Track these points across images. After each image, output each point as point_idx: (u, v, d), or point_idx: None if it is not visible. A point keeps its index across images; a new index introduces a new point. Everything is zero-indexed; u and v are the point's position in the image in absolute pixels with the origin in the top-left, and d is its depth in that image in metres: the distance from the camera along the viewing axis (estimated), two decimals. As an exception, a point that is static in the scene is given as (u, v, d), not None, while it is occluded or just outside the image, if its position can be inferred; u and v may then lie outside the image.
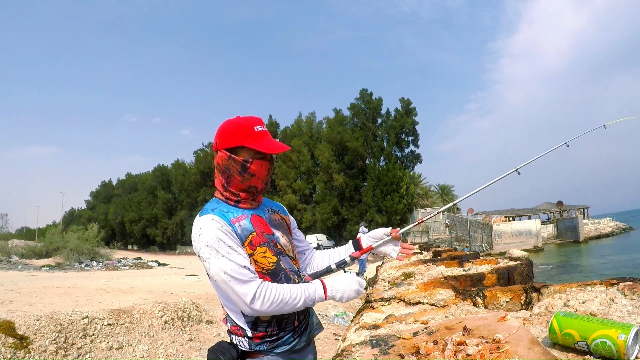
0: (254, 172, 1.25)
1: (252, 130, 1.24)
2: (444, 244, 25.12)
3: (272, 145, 1.25)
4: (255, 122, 1.26)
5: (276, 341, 1.22)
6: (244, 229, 1.23)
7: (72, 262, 18.34)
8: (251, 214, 1.28)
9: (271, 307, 1.15)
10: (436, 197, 46.24)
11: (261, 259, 1.22)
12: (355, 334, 1.62)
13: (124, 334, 4.39)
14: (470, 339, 1.04)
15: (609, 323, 0.95)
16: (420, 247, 8.00)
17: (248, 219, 1.26)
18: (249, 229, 1.24)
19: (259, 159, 1.25)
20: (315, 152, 42.63)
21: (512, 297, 1.81)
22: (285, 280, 1.24)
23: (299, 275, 1.32)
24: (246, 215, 1.26)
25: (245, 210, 1.28)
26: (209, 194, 51.74)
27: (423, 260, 3.95)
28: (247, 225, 1.24)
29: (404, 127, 41.59)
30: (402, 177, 38.72)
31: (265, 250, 1.24)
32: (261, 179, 1.27)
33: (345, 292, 1.21)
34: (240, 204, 1.28)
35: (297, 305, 1.18)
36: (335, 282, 1.23)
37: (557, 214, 38.13)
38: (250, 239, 1.22)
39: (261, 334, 1.21)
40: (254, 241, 1.22)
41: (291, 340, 1.24)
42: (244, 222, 1.24)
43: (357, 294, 1.23)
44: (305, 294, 1.19)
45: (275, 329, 1.22)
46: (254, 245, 1.22)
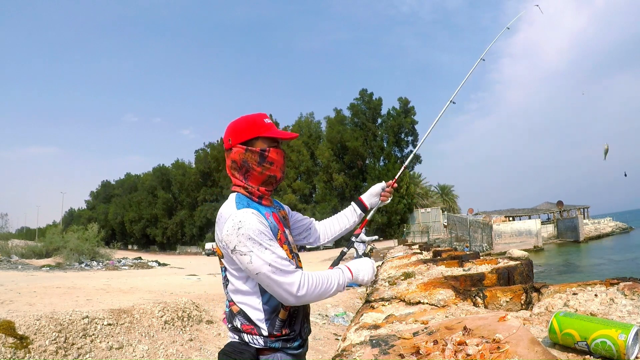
0: (272, 160, 1.27)
1: (263, 122, 1.28)
2: (444, 243, 25.12)
3: (284, 132, 1.30)
4: (264, 116, 1.31)
5: (288, 340, 1.24)
6: (273, 226, 1.25)
7: (72, 262, 18.35)
8: (272, 212, 1.31)
9: (314, 293, 1.18)
10: (436, 197, 46.24)
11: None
12: (355, 333, 1.62)
13: (124, 334, 4.39)
14: (470, 339, 1.04)
15: (609, 323, 0.95)
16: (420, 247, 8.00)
17: (271, 217, 1.28)
18: (276, 227, 1.27)
19: (275, 147, 1.28)
20: (315, 152, 42.66)
21: (512, 297, 1.81)
22: None
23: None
24: (269, 214, 1.29)
25: (267, 208, 1.30)
26: (209, 194, 51.79)
27: (423, 260, 3.95)
28: (274, 223, 1.28)
29: (403, 127, 41.59)
30: (402, 177, 38.73)
31: (287, 249, 1.26)
32: (279, 167, 1.30)
33: (367, 274, 1.31)
34: (263, 200, 1.31)
35: (332, 289, 1.23)
36: (357, 265, 1.32)
37: (557, 214, 38.14)
38: (279, 237, 1.26)
39: (278, 334, 1.22)
40: (281, 238, 1.27)
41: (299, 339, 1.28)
42: (271, 220, 1.27)
43: (374, 274, 1.34)
44: (338, 278, 1.25)
45: (288, 329, 1.24)
46: (281, 242, 1.25)
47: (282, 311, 1.23)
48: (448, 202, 45.75)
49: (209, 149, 52.93)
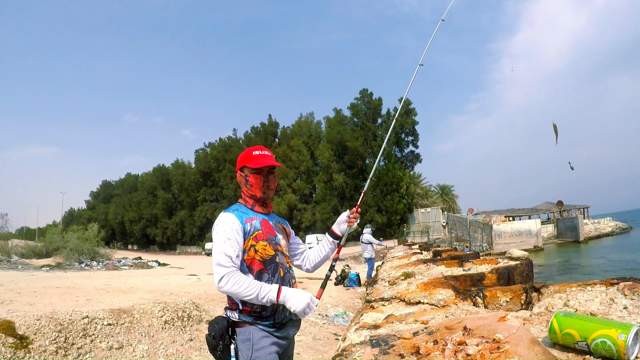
0: (252, 184, 1.70)
1: (251, 154, 1.71)
2: (444, 243, 25.12)
3: (261, 162, 1.67)
4: (256, 149, 1.73)
5: (259, 316, 1.56)
6: (254, 227, 1.64)
7: (72, 262, 18.34)
8: (262, 218, 1.70)
9: (231, 290, 1.49)
10: (436, 197, 46.23)
11: (261, 249, 1.62)
12: (356, 333, 1.62)
13: (124, 333, 4.39)
14: (470, 339, 1.04)
15: (609, 323, 0.95)
16: (420, 247, 8.00)
17: (259, 221, 1.67)
18: (257, 228, 1.65)
19: (254, 173, 1.69)
20: (315, 152, 42.65)
21: (512, 297, 1.81)
22: (274, 270, 1.62)
23: (289, 271, 1.71)
24: (258, 218, 1.68)
25: (258, 214, 1.71)
26: (209, 194, 51.80)
27: (423, 260, 3.95)
28: (257, 225, 1.66)
29: (404, 127, 41.60)
30: (402, 177, 38.71)
31: (265, 244, 1.63)
32: (258, 188, 1.70)
33: (295, 304, 1.49)
34: (255, 208, 1.72)
35: (249, 298, 1.48)
36: (291, 292, 1.52)
37: (557, 214, 38.14)
38: (256, 234, 1.63)
39: (248, 308, 1.56)
40: (258, 236, 1.63)
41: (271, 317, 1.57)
42: (255, 222, 1.66)
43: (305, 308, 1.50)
44: (259, 293, 1.49)
45: (259, 307, 1.55)
46: (257, 239, 1.62)
47: None
48: (448, 202, 45.74)
49: (209, 149, 52.91)
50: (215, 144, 52.70)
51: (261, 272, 1.60)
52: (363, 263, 20.46)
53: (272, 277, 1.62)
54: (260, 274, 1.60)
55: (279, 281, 1.62)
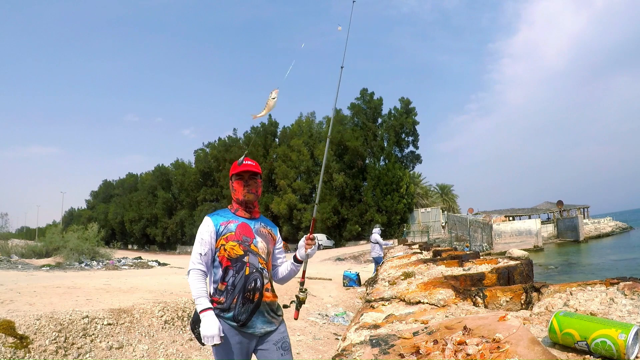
0: (235, 188, 1.97)
1: (236, 164, 1.96)
2: (444, 243, 25.11)
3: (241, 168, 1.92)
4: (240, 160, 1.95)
5: (223, 310, 1.78)
6: (226, 229, 1.87)
7: (72, 261, 18.34)
8: (241, 221, 1.92)
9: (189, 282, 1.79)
10: (436, 197, 46.21)
11: (229, 249, 1.84)
12: (356, 333, 1.62)
13: (124, 333, 4.39)
14: (470, 339, 1.04)
15: (609, 323, 0.95)
16: (420, 247, 7.99)
17: (235, 224, 1.89)
18: (230, 230, 1.88)
19: (237, 179, 1.96)
20: (315, 151, 42.60)
21: (512, 296, 1.80)
22: (240, 268, 1.82)
23: (260, 272, 1.87)
24: (236, 222, 1.91)
25: (239, 218, 1.94)
26: (209, 194, 51.73)
27: (423, 260, 3.95)
28: (231, 227, 1.88)
29: (404, 127, 41.55)
30: (402, 176, 38.68)
31: (235, 245, 1.85)
32: (239, 192, 1.94)
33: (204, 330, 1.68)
34: (238, 212, 1.95)
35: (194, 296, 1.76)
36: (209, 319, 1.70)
37: (557, 214, 38.12)
38: (227, 236, 1.86)
39: (216, 299, 1.81)
40: (229, 237, 1.86)
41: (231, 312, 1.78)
42: (230, 225, 1.89)
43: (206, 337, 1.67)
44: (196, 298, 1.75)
45: (223, 298, 1.79)
46: (228, 240, 1.85)
47: (220, 284, 1.83)
48: (448, 202, 45.72)
49: (208, 149, 52.89)
50: (215, 144, 52.67)
51: (227, 269, 1.83)
52: (364, 263, 20.44)
53: (237, 273, 1.82)
54: (226, 269, 1.83)
55: (242, 279, 1.82)
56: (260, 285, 1.85)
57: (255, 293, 1.83)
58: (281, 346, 1.86)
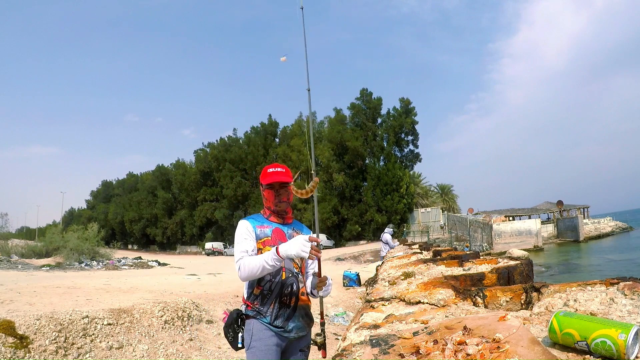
0: (265, 197, 1.95)
1: (266, 172, 1.94)
2: (444, 243, 25.11)
3: (271, 179, 1.89)
4: (271, 166, 1.94)
5: (259, 313, 1.79)
6: (263, 233, 1.88)
7: (72, 261, 18.34)
8: (275, 227, 1.92)
9: (247, 275, 1.73)
10: (436, 197, 46.21)
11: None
12: (355, 333, 1.62)
13: (124, 333, 4.39)
14: (470, 339, 1.04)
15: (609, 323, 0.95)
16: (420, 247, 7.99)
17: (271, 229, 1.90)
18: (267, 234, 1.88)
19: (267, 189, 1.93)
20: (315, 151, 42.58)
21: (512, 296, 1.80)
22: (277, 272, 1.81)
23: (296, 276, 1.88)
24: (270, 227, 1.91)
25: (273, 223, 1.94)
26: (209, 194, 51.73)
27: (423, 260, 3.95)
28: (267, 232, 1.89)
29: (404, 127, 41.56)
30: (402, 176, 38.69)
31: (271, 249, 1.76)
32: (270, 202, 1.93)
33: (291, 250, 1.65)
34: (271, 217, 1.95)
35: (262, 268, 1.69)
36: (286, 244, 1.68)
37: (557, 214, 38.12)
38: (264, 240, 1.86)
39: (251, 303, 1.82)
40: (266, 242, 1.86)
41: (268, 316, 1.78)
42: (265, 230, 1.90)
43: (299, 250, 1.64)
44: (265, 261, 1.68)
45: (259, 303, 1.80)
46: (265, 244, 1.84)
47: (256, 288, 1.82)
48: (448, 201, 45.72)
49: (209, 149, 52.89)
50: (216, 144, 52.68)
51: None
52: (364, 263, 20.43)
53: (274, 278, 1.82)
54: None
55: (279, 284, 1.82)
56: (296, 290, 1.86)
57: (292, 297, 1.84)
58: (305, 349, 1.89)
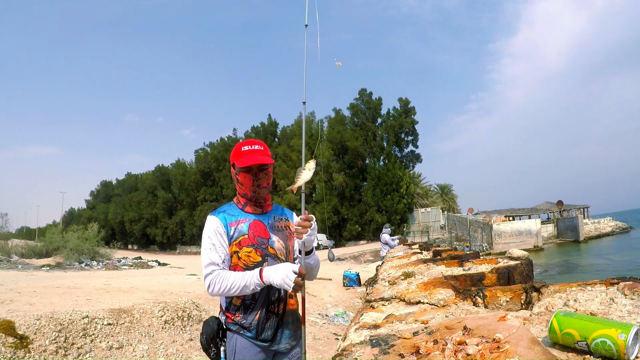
0: (242, 182, 1.58)
1: (240, 150, 1.58)
2: (444, 243, 25.11)
3: (248, 160, 1.52)
4: (245, 143, 1.59)
5: (242, 327, 1.52)
6: (238, 232, 1.54)
7: (72, 261, 18.34)
8: (253, 219, 1.59)
9: (220, 290, 1.45)
10: (436, 197, 46.20)
11: (244, 256, 1.53)
12: (356, 333, 1.61)
13: (124, 333, 4.39)
14: (470, 339, 1.04)
15: (609, 323, 0.95)
16: (420, 247, 7.99)
17: (247, 224, 1.56)
18: (242, 232, 1.55)
19: (243, 172, 1.56)
20: (315, 151, 42.56)
21: (512, 296, 1.80)
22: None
23: None
24: (247, 220, 1.57)
25: (249, 214, 1.60)
26: (209, 194, 51.76)
27: (423, 260, 3.96)
28: (243, 228, 1.55)
29: (404, 127, 41.56)
30: (402, 176, 38.69)
31: (250, 251, 1.54)
32: (247, 187, 1.57)
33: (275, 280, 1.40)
34: (246, 207, 1.61)
35: (240, 288, 1.43)
36: (270, 270, 1.43)
37: (557, 214, 38.11)
38: (240, 240, 1.54)
39: (231, 315, 1.54)
40: (242, 242, 1.54)
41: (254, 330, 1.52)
42: (241, 226, 1.55)
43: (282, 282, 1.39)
44: (246, 284, 1.43)
45: (240, 314, 1.53)
46: (241, 245, 1.53)
47: (235, 298, 1.54)
48: (448, 201, 45.71)
49: (209, 149, 52.90)
50: (216, 144, 52.70)
51: None
52: (364, 263, 20.43)
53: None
54: None
55: (264, 291, 1.52)
56: (284, 294, 1.58)
57: (279, 304, 1.57)
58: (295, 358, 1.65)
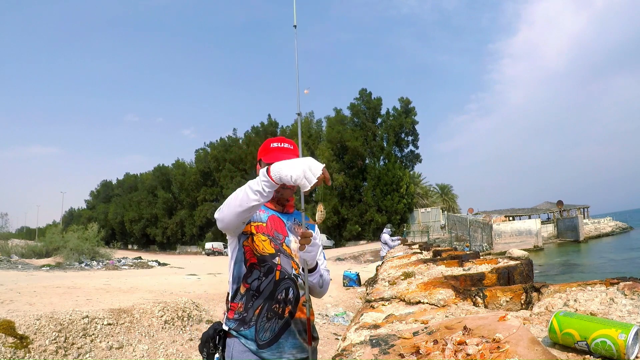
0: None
1: (268, 146, 1.53)
2: (444, 243, 25.11)
3: (274, 157, 1.42)
4: (275, 140, 1.54)
5: (242, 323, 1.39)
6: (258, 216, 1.48)
7: (72, 261, 18.35)
8: (272, 214, 1.52)
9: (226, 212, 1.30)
10: (436, 197, 46.21)
11: (258, 242, 1.44)
12: (355, 333, 1.61)
13: (124, 333, 4.39)
14: (470, 339, 1.04)
15: (609, 323, 0.95)
16: (420, 247, 7.99)
17: (266, 215, 1.50)
18: (261, 219, 1.48)
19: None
20: (315, 151, 42.67)
21: (512, 296, 1.80)
22: (268, 271, 1.42)
23: (294, 280, 1.46)
24: (266, 212, 1.51)
25: (268, 209, 1.53)
26: (209, 194, 51.77)
27: (423, 260, 3.95)
28: (262, 217, 1.49)
29: (404, 127, 41.59)
30: (402, 176, 38.70)
31: (266, 239, 1.45)
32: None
33: (290, 171, 1.16)
34: (267, 203, 1.52)
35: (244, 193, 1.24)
36: (283, 162, 1.20)
37: (557, 214, 38.13)
38: (258, 225, 1.46)
39: (234, 305, 1.42)
40: (259, 228, 1.46)
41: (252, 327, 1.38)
42: (260, 214, 1.49)
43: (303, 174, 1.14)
44: (249, 186, 1.24)
45: (243, 305, 1.40)
46: (258, 230, 1.45)
47: (242, 285, 1.42)
48: (448, 201, 45.74)
49: (209, 149, 52.92)
50: (216, 144, 52.72)
51: (253, 266, 1.42)
52: (364, 263, 20.44)
53: (264, 276, 1.42)
54: (252, 267, 1.42)
55: (270, 284, 1.41)
56: (292, 297, 1.45)
57: (286, 306, 1.43)
58: None
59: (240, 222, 1.34)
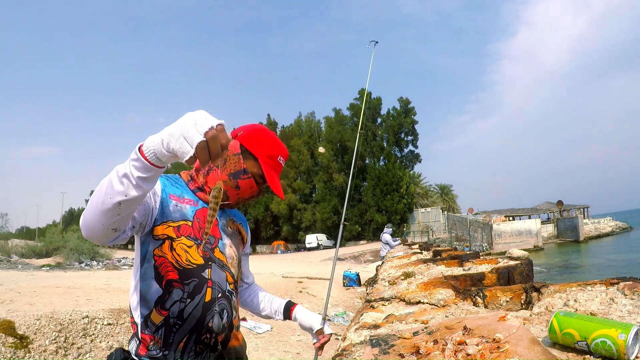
0: (239, 186, 1.12)
1: (276, 156, 1.16)
2: (444, 243, 25.11)
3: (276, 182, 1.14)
4: (283, 153, 1.20)
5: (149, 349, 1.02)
6: (180, 213, 1.05)
7: (72, 261, 18.34)
8: (202, 207, 1.10)
9: (88, 218, 0.83)
10: (436, 197, 46.22)
11: (180, 250, 1.02)
12: (355, 333, 1.62)
13: (124, 333, 4.39)
14: (470, 339, 1.04)
15: (609, 323, 0.95)
16: (420, 247, 7.99)
17: (194, 208, 1.08)
18: (185, 216, 1.05)
19: (256, 181, 1.14)
20: (315, 151, 42.68)
21: (512, 296, 1.80)
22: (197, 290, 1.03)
23: (228, 297, 1.11)
24: (195, 203, 1.09)
25: (200, 200, 1.11)
26: (209, 194, 51.67)
27: (423, 260, 3.95)
28: (188, 212, 1.06)
29: (404, 127, 41.61)
30: (402, 176, 38.71)
31: (192, 245, 1.04)
32: (239, 196, 1.13)
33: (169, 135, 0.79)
34: (198, 192, 1.12)
35: (108, 182, 0.80)
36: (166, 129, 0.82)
37: (557, 214, 38.14)
38: (180, 225, 1.04)
39: (147, 337, 1.01)
40: (182, 229, 1.04)
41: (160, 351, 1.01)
42: (185, 207, 1.07)
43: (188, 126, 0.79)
44: (116, 170, 0.80)
45: (160, 339, 1.01)
46: (180, 233, 1.03)
47: (155, 312, 1.01)
48: (448, 201, 45.74)
49: (209, 149, 52.98)
50: (215, 144, 52.77)
51: (171, 284, 1.01)
52: (364, 263, 20.44)
53: (189, 298, 1.02)
54: (169, 285, 1.00)
55: (198, 309, 1.03)
56: (227, 322, 1.10)
57: (219, 335, 1.09)
58: None
59: (109, 230, 0.84)
